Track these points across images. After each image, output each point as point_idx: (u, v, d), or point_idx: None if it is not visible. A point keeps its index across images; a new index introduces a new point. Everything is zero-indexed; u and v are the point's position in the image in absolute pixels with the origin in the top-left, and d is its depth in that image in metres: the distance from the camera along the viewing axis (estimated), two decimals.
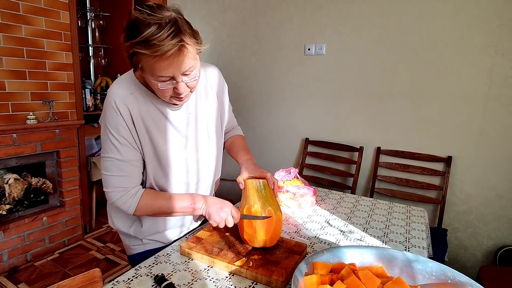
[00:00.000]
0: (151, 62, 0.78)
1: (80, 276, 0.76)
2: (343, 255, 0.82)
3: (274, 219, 0.95)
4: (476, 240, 2.10)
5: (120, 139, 0.90)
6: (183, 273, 0.89)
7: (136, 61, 0.81)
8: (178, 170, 1.00)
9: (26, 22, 2.11)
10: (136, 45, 0.76)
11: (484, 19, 1.91)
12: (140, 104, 0.92)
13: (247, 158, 1.13)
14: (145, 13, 0.75)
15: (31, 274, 2.15)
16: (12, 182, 2.14)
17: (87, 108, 2.71)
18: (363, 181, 2.44)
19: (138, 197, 0.94)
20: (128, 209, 0.93)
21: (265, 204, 0.97)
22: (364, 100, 2.35)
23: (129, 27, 0.78)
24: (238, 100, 2.89)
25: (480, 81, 1.97)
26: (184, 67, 0.81)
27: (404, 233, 1.20)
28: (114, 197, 0.92)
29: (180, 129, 0.99)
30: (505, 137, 1.95)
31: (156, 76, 0.81)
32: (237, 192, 2.90)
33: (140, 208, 0.94)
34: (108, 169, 0.92)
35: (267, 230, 0.95)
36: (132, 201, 0.93)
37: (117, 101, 0.88)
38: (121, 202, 0.93)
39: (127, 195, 0.93)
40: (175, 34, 0.75)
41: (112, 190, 0.92)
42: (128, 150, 0.92)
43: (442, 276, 0.76)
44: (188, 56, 0.80)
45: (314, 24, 2.46)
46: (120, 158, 0.91)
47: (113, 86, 0.92)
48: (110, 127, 0.90)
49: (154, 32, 0.74)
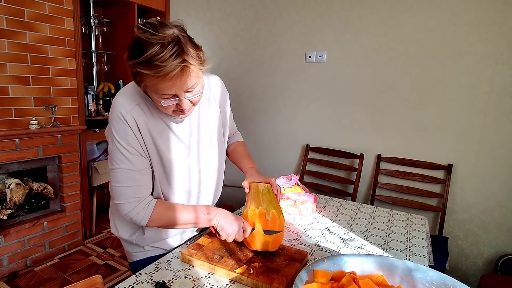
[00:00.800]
0: (154, 82, 0.78)
1: (81, 283, 0.77)
2: (343, 263, 0.83)
3: (277, 222, 0.97)
4: (477, 248, 2.09)
5: (130, 149, 0.90)
6: (184, 280, 0.89)
7: (139, 80, 0.82)
8: (181, 178, 1.00)
9: (30, 29, 2.13)
10: (138, 65, 0.76)
11: (483, 28, 1.93)
12: (145, 115, 0.92)
13: (251, 166, 1.17)
14: (148, 32, 0.75)
15: (30, 279, 2.14)
16: (13, 187, 2.15)
17: (89, 114, 2.73)
18: (364, 188, 2.44)
19: (152, 207, 0.92)
20: (141, 220, 0.91)
21: (270, 206, 0.99)
22: (365, 107, 2.37)
23: (132, 46, 0.78)
24: (239, 107, 2.90)
25: (480, 90, 1.99)
26: (186, 86, 0.81)
27: (404, 241, 1.20)
28: (127, 209, 0.91)
29: (183, 139, 1.00)
30: (505, 145, 1.95)
31: (159, 94, 0.81)
32: (238, 198, 2.90)
33: (154, 219, 0.92)
34: (119, 180, 0.90)
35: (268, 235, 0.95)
36: (145, 212, 0.91)
37: (123, 112, 0.88)
38: (134, 214, 0.91)
39: (140, 206, 0.91)
40: (178, 54, 0.75)
41: (125, 201, 0.90)
42: (138, 159, 0.91)
43: (442, 285, 0.76)
44: (191, 76, 0.80)
45: (315, 32, 2.49)
46: (131, 168, 0.90)
47: (118, 97, 0.92)
48: (119, 137, 0.89)
49: (156, 52, 0.73)
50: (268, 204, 1.00)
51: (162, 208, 0.94)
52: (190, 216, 0.95)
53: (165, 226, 0.97)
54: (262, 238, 0.96)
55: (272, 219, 0.98)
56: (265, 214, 0.98)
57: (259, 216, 0.98)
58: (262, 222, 0.97)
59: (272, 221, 0.97)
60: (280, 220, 0.98)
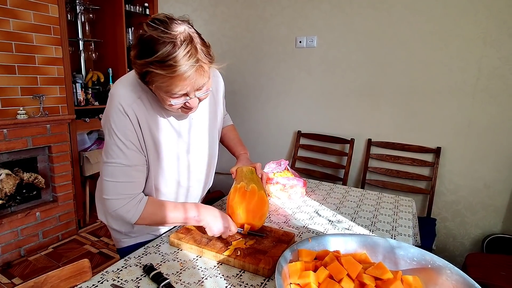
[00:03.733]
0: (167, 83, 0.76)
1: (69, 267, 0.78)
2: (327, 243, 0.84)
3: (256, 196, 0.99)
4: (464, 229, 2.14)
5: (128, 143, 0.87)
6: (172, 263, 0.90)
7: (150, 80, 0.78)
8: (172, 170, 1.00)
9: (14, 16, 2.08)
10: (150, 65, 0.73)
11: (472, 10, 1.93)
12: (146, 109, 0.89)
13: (243, 153, 1.19)
14: (159, 30, 0.72)
15: (25, 268, 2.16)
16: (3, 178, 2.14)
17: (79, 103, 2.69)
18: (355, 172, 2.47)
19: (143, 205, 0.90)
20: (132, 218, 0.89)
21: (250, 182, 1.02)
22: (355, 92, 2.37)
23: (142, 44, 0.75)
24: (230, 94, 2.89)
25: (469, 73, 2.00)
26: (198, 85, 0.80)
27: (391, 222, 1.23)
28: (117, 205, 0.88)
29: (183, 134, 0.99)
30: (492, 128, 1.98)
31: (169, 93, 0.79)
32: (229, 184, 2.89)
33: (144, 217, 0.90)
34: (113, 175, 0.87)
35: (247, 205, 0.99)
36: (136, 210, 0.89)
37: (124, 105, 0.85)
38: (125, 211, 0.88)
39: (131, 203, 0.88)
40: (191, 54, 0.74)
41: (115, 197, 0.87)
42: (134, 155, 0.89)
43: (422, 261, 0.78)
44: (204, 75, 0.79)
45: (305, 17, 2.46)
46: (126, 163, 0.88)
47: (118, 87, 0.88)
48: (117, 130, 0.86)
49: (170, 51, 0.72)
50: (249, 180, 1.03)
51: (153, 207, 0.91)
52: (180, 216, 0.93)
53: (154, 224, 0.95)
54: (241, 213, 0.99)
55: (251, 191, 0.99)
56: (244, 187, 1.00)
57: (238, 190, 1.00)
58: (241, 195, 0.99)
59: (251, 193, 0.99)
60: (260, 195, 0.99)
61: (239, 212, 0.99)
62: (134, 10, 2.94)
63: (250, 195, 0.99)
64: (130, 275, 0.84)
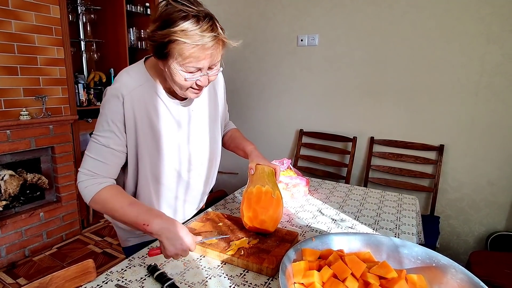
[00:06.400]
0: (190, 52, 0.78)
1: (73, 267, 0.78)
2: (331, 242, 0.84)
3: (281, 204, 1.02)
4: (468, 227, 2.13)
5: (113, 126, 0.89)
6: (176, 262, 0.90)
7: (170, 51, 0.79)
8: (172, 160, 1.00)
9: (16, 17, 2.08)
10: (174, 34, 0.76)
11: (475, 7, 1.92)
12: (146, 96, 0.92)
13: (253, 147, 1.17)
14: (184, 4, 0.77)
15: (29, 269, 2.17)
16: (7, 179, 2.15)
17: (81, 103, 2.70)
18: (357, 171, 2.46)
19: (100, 187, 0.87)
20: (85, 196, 0.88)
21: (275, 187, 1.03)
22: (357, 90, 2.36)
23: (165, 16, 0.78)
24: (232, 93, 2.89)
25: (472, 70, 1.99)
26: (216, 59, 0.84)
27: (394, 221, 1.22)
28: (80, 178, 0.89)
29: (183, 124, 1.00)
30: (496, 124, 1.97)
31: (186, 66, 0.81)
32: (233, 184, 2.92)
33: (96, 200, 0.87)
34: (90, 149, 0.90)
35: (273, 213, 0.99)
36: (91, 189, 0.87)
37: (124, 91, 0.88)
38: (83, 186, 0.88)
39: (90, 181, 0.88)
40: (214, 27, 0.79)
41: (82, 170, 0.89)
42: (114, 137, 0.90)
43: (427, 259, 0.78)
44: (219, 52, 0.84)
45: (307, 15, 2.45)
46: (103, 143, 0.89)
47: (122, 74, 0.92)
48: (109, 111, 0.89)
49: (194, 22, 0.77)
50: (273, 185, 1.04)
51: (109, 194, 0.87)
52: (131, 215, 0.84)
53: (106, 213, 0.90)
54: (260, 217, 0.99)
55: (277, 199, 1.01)
56: (271, 193, 1.00)
57: (264, 194, 1.00)
58: (267, 200, 0.99)
59: (277, 201, 1.01)
60: (282, 203, 1.03)
61: (264, 218, 0.98)
62: (135, 10, 2.94)
63: (277, 203, 1.00)
64: (135, 275, 0.84)
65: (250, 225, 1.00)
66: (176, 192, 1.07)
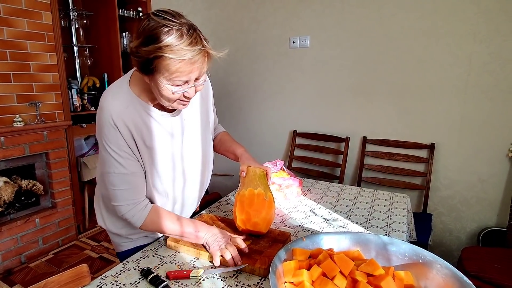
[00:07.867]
0: (176, 67, 0.78)
1: (68, 272, 0.79)
2: (321, 241, 0.86)
3: (273, 206, 1.03)
4: (460, 224, 2.17)
5: (122, 153, 0.91)
6: (170, 265, 0.92)
7: (156, 67, 0.79)
8: (167, 169, 1.01)
9: (7, 24, 2.09)
10: (159, 50, 0.76)
11: (461, 7, 1.96)
12: (135, 117, 0.92)
13: (243, 150, 1.18)
14: (166, 19, 0.76)
15: (26, 275, 2.17)
16: (2, 185, 2.15)
17: (75, 109, 2.71)
18: (351, 170, 2.49)
19: (146, 212, 0.95)
20: (136, 222, 0.95)
21: (267, 189, 1.04)
22: (349, 90, 2.39)
23: (149, 32, 0.77)
24: (226, 96, 2.90)
25: (460, 69, 2.02)
26: (202, 72, 0.84)
27: (385, 219, 1.25)
28: (124, 210, 0.94)
29: (175, 134, 1.00)
30: (485, 122, 2.01)
31: (173, 80, 0.81)
32: (228, 186, 2.94)
33: (146, 224, 0.95)
34: (115, 183, 0.92)
35: (266, 215, 1.01)
36: (140, 216, 0.94)
37: (114, 117, 0.88)
38: (131, 215, 0.94)
39: (135, 209, 0.94)
40: (198, 40, 0.79)
41: (122, 203, 0.93)
42: (130, 163, 0.93)
43: (414, 256, 0.80)
44: (206, 63, 0.84)
45: (298, 17, 2.48)
46: (124, 172, 0.92)
47: (107, 98, 0.90)
48: (110, 143, 0.90)
49: (178, 37, 0.76)
50: (265, 187, 1.05)
51: (155, 216, 0.96)
52: (177, 228, 0.96)
53: (156, 231, 1.01)
54: (254, 219, 1.01)
55: (269, 201, 1.02)
56: (263, 195, 1.02)
57: (257, 197, 1.02)
58: (260, 203, 1.01)
59: (269, 203, 1.02)
60: (274, 205, 1.04)
61: (257, 220, 1.00)
62: (127, 14, 2.95)
63: (269, 205, 1.02)
64: (129, 278, 0.86)
65: (243, 227, 1.02)
66: (173, 199, 1.08)
